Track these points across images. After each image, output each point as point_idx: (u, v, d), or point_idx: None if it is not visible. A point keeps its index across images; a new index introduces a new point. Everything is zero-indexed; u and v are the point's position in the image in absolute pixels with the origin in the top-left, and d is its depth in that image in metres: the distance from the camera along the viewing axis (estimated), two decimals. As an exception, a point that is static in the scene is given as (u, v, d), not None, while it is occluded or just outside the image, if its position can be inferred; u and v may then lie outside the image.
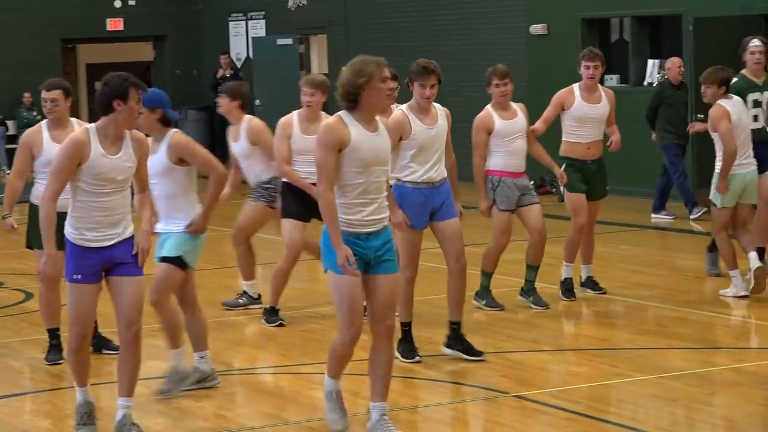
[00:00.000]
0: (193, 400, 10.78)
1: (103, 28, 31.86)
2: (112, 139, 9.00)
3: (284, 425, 9.92)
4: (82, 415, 9.21)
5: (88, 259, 9.06)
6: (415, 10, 25.96)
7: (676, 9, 21.00)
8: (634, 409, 9.93)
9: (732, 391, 10.33)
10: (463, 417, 9.97)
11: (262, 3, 30.02)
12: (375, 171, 8.88)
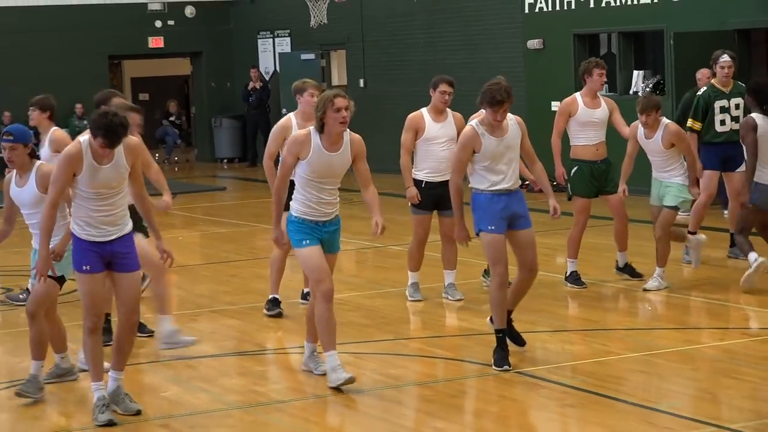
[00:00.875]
0: (228, 378, 10.80)
1: (145, 46, 31.78)
2: (101, 153, 8.90)
3: (310, 399, 9.91)
4: (101, 407, 9.12)
5: (93, 252, 9.07)
6: (423, 27, 25.89)
7: (658, 25, 20.91)
8: (624, 383, 9.90)
9: (712, 367, 10.30)
10: (471, 391, 9.93)
11: (287, 22, 29.93)
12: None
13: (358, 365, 10.62)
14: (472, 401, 9.56)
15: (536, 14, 23.56)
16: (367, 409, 9.51)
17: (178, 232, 19.56)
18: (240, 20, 32.07)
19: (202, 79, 32.76)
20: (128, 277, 9.20)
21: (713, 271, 14.18)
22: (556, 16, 23.16)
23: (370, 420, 9.28)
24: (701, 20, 20.21)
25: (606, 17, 22.30)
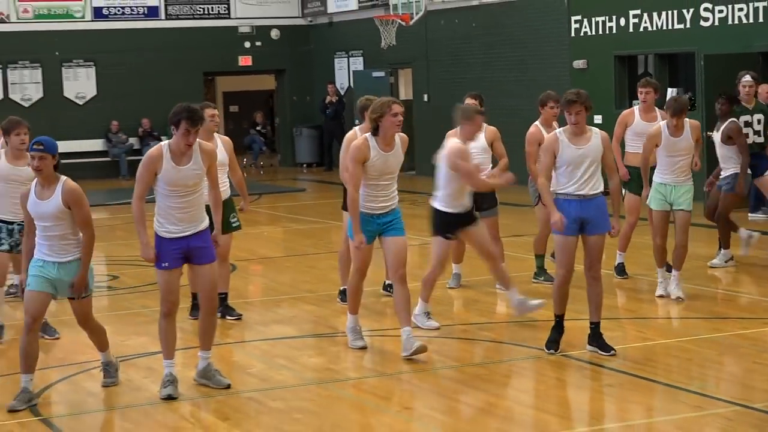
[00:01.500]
0: (307, 357, 10.81)
1: (235, 64, 31.88)
2: (180, 154, 9.05)
3: (379, 377, 9.89)
4: (166, 382, 9.22)
5: (171, 248, 9.12)
6: (480, 49, 25.81)
7: (690, 48, 20.77)
8: (659, 366, 9.81)
9: (737, 353, 10.20)
10: (519, 371, 9.89)
11: (360, 43, 29.93)
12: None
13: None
14: (521, 380, 9.49)
15: (581, 38, 23.46)
16: (429, 386, 9.48)
17: (264, 228, 19.59)
18: (319, 41, 32.11)
19: (285, 94, 32.84)
20: (205, 268, 9.27)
21: (740, 267, 14.05)
22: (599, 39, 23.06)
23: (432, 396, 9.25)
24: (728, 43, 20.04)
25: (643, 40, 22.16)
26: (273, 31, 32.19)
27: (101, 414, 9.27)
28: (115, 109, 30.45)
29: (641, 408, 8.76)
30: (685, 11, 21.09)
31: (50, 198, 8.85)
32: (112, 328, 12.07)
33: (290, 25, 32.44)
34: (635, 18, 22.21)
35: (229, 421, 8.71)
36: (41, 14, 30.11)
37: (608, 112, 20.70)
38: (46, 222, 8.91)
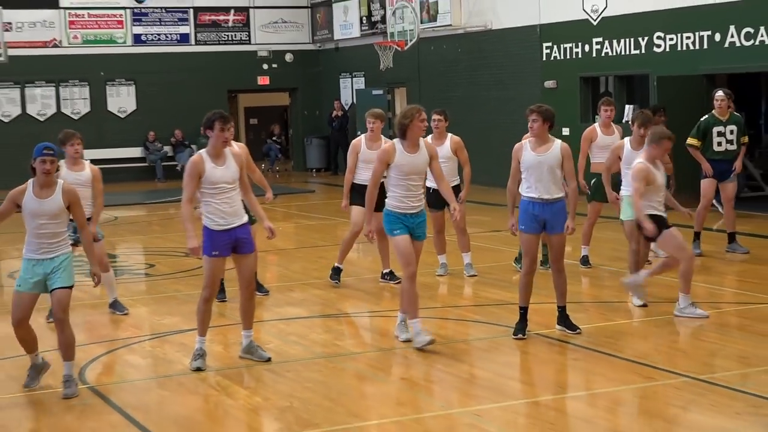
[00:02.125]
0: (316, 334, 10.80)
1: (255, 83, 31.88)
2: (217, 155, 9.07)
3: (378, 351, 9.89)
4: (197, 356, 9.23)
5: (220, 239, 9.10)
6: (465, 70, 25.76)
7: (644, 70, 20.74)
8: (618, 343, 9.81)
9: (687, 332, 10.20)
10: (500, 347, 9.86)
11: (362, 65, 29.89)
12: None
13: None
14: (500, 355, 9.50)
15: (551, 61, 23.43)
16: (420, 359, 9.45)
17: (278, 224, 19.42)
18: (327, 64, 32.13)
19: (297, 108, 32.86)
20: (249, 257, 9.31)
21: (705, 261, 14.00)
22: (566, 63, 23.04)
23: (423, 367, 9.23)
24: (677, 67, 20.03)
25: (604, 64, 22.16)
26: (287, 55, 32.19)
27: (141, 382, 9.26)
28: (151, 122, 30.44)
29: (603, 379, 8.76)
30: (641, 39, 21.06)
31: (51, 197, 8.53)
32: (149, 309, 12.15)
33: (302, 50, 32.42)
34: (597, 45, 22.19)
35: (249, 389, 8.75)
36: (89, 40, 30.08)
37: (574, 125, 20.75)
38: (44, 219, 8.54)
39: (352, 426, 7.66)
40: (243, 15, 31.78)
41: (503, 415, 7.92)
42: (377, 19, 29.01)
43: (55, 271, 8.56)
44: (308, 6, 32.45)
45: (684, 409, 7.91)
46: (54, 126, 28.19)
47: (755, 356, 9.27)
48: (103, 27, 30.27)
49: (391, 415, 7.95)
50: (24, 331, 8.69)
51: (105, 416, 8.13)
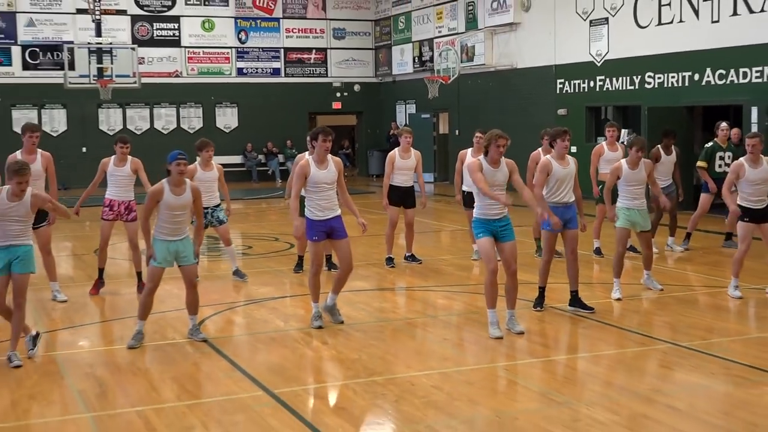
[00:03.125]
0: (378, 303, 10.76)
1: (330, 107, 32.00)
2: (320, 160, 9.05)
3: (425, 317, 9.86)
4: (316, 317, 9.24)
5: (319, 227, 9.07)
6: (494, 99, 25.73)
7: (637, 102, 20.60)
8: (616, 315, 9.73)
9: (669, 308, 10.10)
10: (522, 317, 9.65)
11: (413, 95, 29.94)
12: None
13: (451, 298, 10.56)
14: (522, 322, 9.38)
15: (563, 94, 23.34)
16: (459, 325, 9.40)
17: (346, 218, 19.65)
18: (387, 93, 32.17)
19: (362, 127, 32.92)
20: (342, 241, 9.21)
21: (691, 254, 13.88)
22: (575, 95, 22.94)
23: (462, 332, 9.17)
24: (663, 100, 19.88)
25: (605, 97, 22.03)
26: (355, 86, 32.25)
27: (243, 337, 9.32)
28: (249, 136, 30.62)
29: (605, 344, 8.68)
30: (635, 77, 20.91)
31: (184, 194, 8.52)
32: (250, 281, 12.14)
33: (367, 82, 32.43)
34: (600, 81, 22.06)
35: (326, 344, 8.74)
36: (203, 71, 30.28)
37: (581, 145, 20.59)
38: (177, 211, 8.54)
39: (406, 375, 7.64)
40: (322, 54, 31.85)
41: (525, 370, 7.90)
42: (426, 59, 28.97)
43: (184, 250, 8.67)
44: (373, 48, 32.43)
45: (670, 369, 7.85)
46: (174, 138, 28.60)
47: (726, 329, 9.20)
48: (214, 62, 30.45)
49: (437, 367, 7.92)
50: (153, 298, 8.76)
51: (216, 362, 8.18)
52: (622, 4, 21.18)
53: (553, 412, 6.72)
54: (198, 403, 7.06)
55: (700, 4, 19.05)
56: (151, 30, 29.65)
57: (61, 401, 7.20)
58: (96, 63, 26.19)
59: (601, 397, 7.07)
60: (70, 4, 28.54)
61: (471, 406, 6.88)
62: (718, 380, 7.44)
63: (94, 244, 13.87)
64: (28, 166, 8.07)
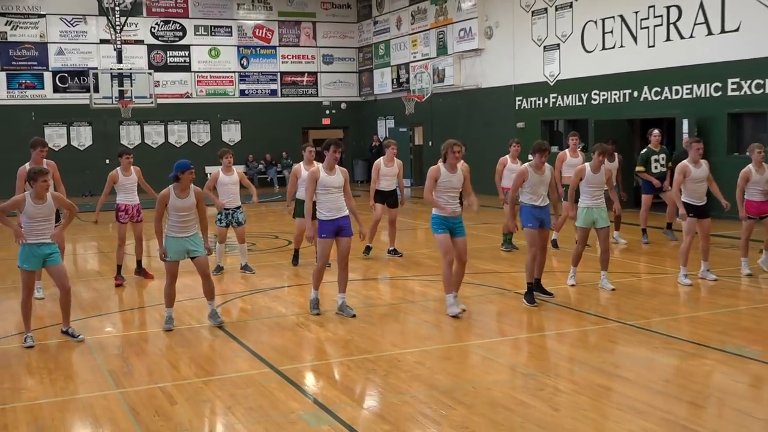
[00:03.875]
0: (367, 291, 10.68)
1: (320, 123, 31.85)
2: (329, 167, 8.96)
3: (407, 303, 9.83)
4: (314, 304, 9.19)
5: (328, 226, 8.96)
6: (462, 115, 25.73)
7: (585, 116, 20.67)
8: (574, 299, 9.73)
9: (616, 293, 10.11)
10: (493, 302, 9.79)
11: (392, 111, 29.88)
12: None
13: (431, 286, 10.54)
14: (492, 306, 9.38)
15: (522, 110, 23.38)
16: (438, 308, 9.38)
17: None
18: (369, 110, 32.10)
19: (349, 140, 32.73)
20: (347, 239, 9.04)
21: (634, 246, 13.89)
22: (532, 111, 22.99)
23: (440, 315, 9.12)
24: (607, 114, 20.00)
25: (557, 112, 22.10)
26: (342, 104, 32.16)
27: (250, 322, 9.21)
28: (250, 148, 30.46)
29: (563, 324, 8.69)
30: (583, 95, 21.00)
31: (188, 197, 8.49)
32: (262, 272, 12.04)
33: (352, 100, 32.34)
34: (553, 98, 22.12)
35: (323, 327, 8.64)
36: (210, 92, 30.15)
37: (537, 153, 20.55)
38: (183, 212, 8.49)
39: (393, 353, 7.62)
40: (313, 77, 31.75)
41: (495, 347, 7.87)
42: (403, 80, 28.96)
43: (194, 244, 8.62)
44: (357, 71, 32.36)
45: (619, 344, 7.84)
46: (186, 151, 28.46)
47: (666, 309, 9.21)
48: (219, 84, 30.29)
49: (419, 345, 7.91)
50: (174, 288, 8.73)
51: (227, 344, 8.13)
52: (571, 32, 21.25)
53: (521, 382, 6.73)
54: (213, 380, 7.01)
55: (638, 31, 19.15)
56: (165, 57, 29.49)
57: (94, 379, 7.14)
58: (117, 86, 26.03)
59: (562, 369, 7.09)
60: (95, 35, 28.37)
61: (449, 379, 6.87)
62: (660, 353, 7.45)
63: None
64: (47, 169, 8.27)
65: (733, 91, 17.04)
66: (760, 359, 7.19)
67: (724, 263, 11.59)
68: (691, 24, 17.81)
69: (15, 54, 27.74)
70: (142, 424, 6.00)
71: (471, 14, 25.02)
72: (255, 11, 30.67)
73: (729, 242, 13.59)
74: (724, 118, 17.19)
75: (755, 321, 8.65)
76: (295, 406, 6.28)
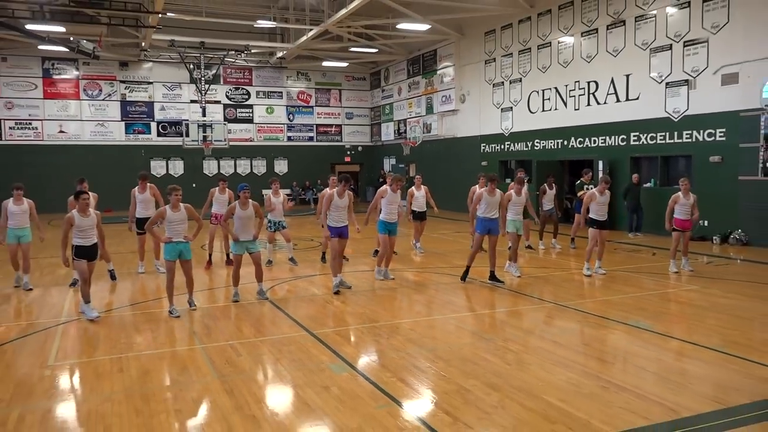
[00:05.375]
0: (372, 277, 10.69)
1: (343, 159, 31.77)
2: (340, 194, 8.93)
3: (402, 286, 9.76)
4: (337, 285, 9.11)
5: (335, 230, 8.95)
6: (443, 155, 25.63)
7: (529, 157, 20.62)
8: (529, 288, 9.67)
9: (553, 281, 10.03)
10: (460, 287, 9.69)
11: (394, 152, 29.79)
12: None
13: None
14: (456, 290, 9.35)
15: (485, 152, 23.19)
16: (422, 291, 9.25)
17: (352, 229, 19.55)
18: (378, 151, 31.94)
19: (363, 172, 32.62)
20: (345, 240, 9.00)
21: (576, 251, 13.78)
22: (492, 153, 22.83)
23: (427, 297, 9.01)
24: (545, 156, 19.89)
25: (510, 154, 21.94)
26: (359, 147, 32.07)
27: (291, 299, 9.11)
28: (294, 177, 30.36)
29: (511, 303, 8.60)
30: (528, 142, 20.89)
31: (248, 209, 8.49)
32: (302, 264, 11.95)
33: (366, 144, 32.19)
34: (507, 144, 21.98)
35: (344, 303, 8.55)
36: (266, 137, 30.11)
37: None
38: (245, 220, 8.45)
39: (393, 322, 7.59)
40: (338, 128, 31.69)
41: (465, 319, 7.80)
42: (402, 131, 28.89)
43: (252, 243, 8.63)
44: (370, 124, 32.30)
45: (553, 319, 7.79)
46: (249, 178, 28.40)
47: (585, 293, 9.11)
48: (273, 132, 30.20)
49: (412, 317, 7.86)
50: (239, 272, 8.78)
51: (276, 313, 8.09)
52: (520, 98, 21.24)
53: (483, 345, 6.69)
54: (265, 339, 6.99)
55: (567, 98, 19.14)
56: (236, 113, 29.49)
57: (184, 338, 7.13)
58: (202, 132, 26.05)
59: (512, 336, 7.03)
60: (187, 97, 28.41)
61: (433, 341, 6.83)
62: (580, 324, 7.41)
63: (201, 241, 13.73)
64: (178, 186, 8.12)
65: (634, 141, 17.04)
66: (651, 330, 7.18)
67: (626, 262, 11.55)
68: (605, 94, 17.83)
69: (131, 109, 27.86)
70: (217, 369, 6.00)
71: (450, 86, 25.05)
72: (299, 81, 30.72)
73: (626, 247, 13.52)
74: (628, 160, 17.18)
75: (649, 303, 8.62)
76: (324, 359, 6.26)
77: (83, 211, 7.74)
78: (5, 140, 25.93)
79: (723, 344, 6.59)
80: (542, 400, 5.15)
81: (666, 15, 15.99)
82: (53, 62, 26.42)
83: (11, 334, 7.25)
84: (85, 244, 7.75)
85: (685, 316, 7.78)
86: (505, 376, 5.69)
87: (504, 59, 21.91)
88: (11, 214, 9.42)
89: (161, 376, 5.84)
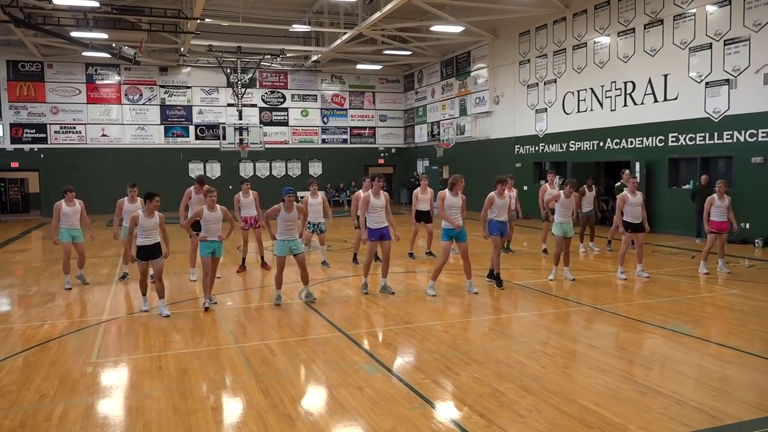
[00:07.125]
0: (403, 279, 10.63)
1: (377, 162, 31.87)
2: (376, 193, 8.81)
3: (430, 289, 9.77)
4: (365, 286, 9.09)
5: (375, 233, 8.90)
6: (476, 157, 25.56)
7: (564, 159, 20.38)
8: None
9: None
10: (494, 289, 9.61)
11: (428, 154, 29.74)
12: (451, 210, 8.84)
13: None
14: (500, 293, 9.24)
15: (519, 154, 23.04)
16: (442, 294, 9.21)
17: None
18: (411, 153, 31.97)
19: (397, 173, 32.68)
20: (388, 242, 8.89)
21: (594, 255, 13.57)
22: (527, 155, 22.64)
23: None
24: (581, 158, 19.61)
25: (545, 155, 21.71)
26: (392, 149, 32.11)
27: (326, 300, 9.13)
28: (328, 179, 30.57)
29: (546, 306, 8.48)
30: (563, 143, 20.65)
31: (293, 211, 8.43)
32: (335, 266, 11.94)
33: (399, 146, 32.23)
34: (542, 146, 21.77)
35: (377, 305, 8.56)
36: (301, 140, 30.40)
37: (530, 185, 20.39)
38: (290, 221, 8.41)
39: (427, 324, 7.56)
40: (372, 130, 31.79)
41: (499, 321, 7.72)
42: (436, 133, 28.84)
43: (296, 244, 8.57)
44: (403, 126, 32.33)
45: (590, 322, 7.63)
46: (285, 181, 28.74)
47: (620, 297, 8.91)
48: (308, 134, 30.50)
49: (446, 319, 7.82)
50: (282, 275, 8.72)
51: (311, 314, 8.14)
52: (555, 99, 21.00)
53: (518, 347, 6.62)
54: (301, 339, 7.03)
55: (603, 99, 18.84)
56: (271, 116, 29.85)
57: (220, 337, 7.22)
58: (238, 135, 26.46)
59: (547, 339, 6.95)
60: (224, 101, 28.88)
61: (466, 343, 6.79)
62: (617, 328, 7.27)
63: (237, 243, 13.89)
64: (214, 189, 8.34)
65: (672, 142, 16.65)
66: (690, 334, 7.00)
67: (663, 265, 11.30)
68: (642, 94, 17.48)
69: (170, 113, 28.46)
70: (252, 368, 6.06)
71: (484, 87, 24.91)
72: (333, 84, 30.93)
73: (667, 250, 13.22)
74: (666, 162, 16.80)
75: (688, 307, 8.40)
76: (358, 359, 6.27)
77: (150, 213, 7.94)
78: (51, 144, 26.76)
79: (766, 350, 6.38)
80: (578, 404, 5.06)
81: (706, 13, 15.60)
82: (96, 68, 27.16)
83: (55, 331, 7.45)
84: (147, 244, 7.92)
85: (725, 321, 7.57)
86: (540, 380, 5.61)
87: (538, 60, 21.68)
88: (65, 215, 9.67)
89: (198, 375, 5.92)
